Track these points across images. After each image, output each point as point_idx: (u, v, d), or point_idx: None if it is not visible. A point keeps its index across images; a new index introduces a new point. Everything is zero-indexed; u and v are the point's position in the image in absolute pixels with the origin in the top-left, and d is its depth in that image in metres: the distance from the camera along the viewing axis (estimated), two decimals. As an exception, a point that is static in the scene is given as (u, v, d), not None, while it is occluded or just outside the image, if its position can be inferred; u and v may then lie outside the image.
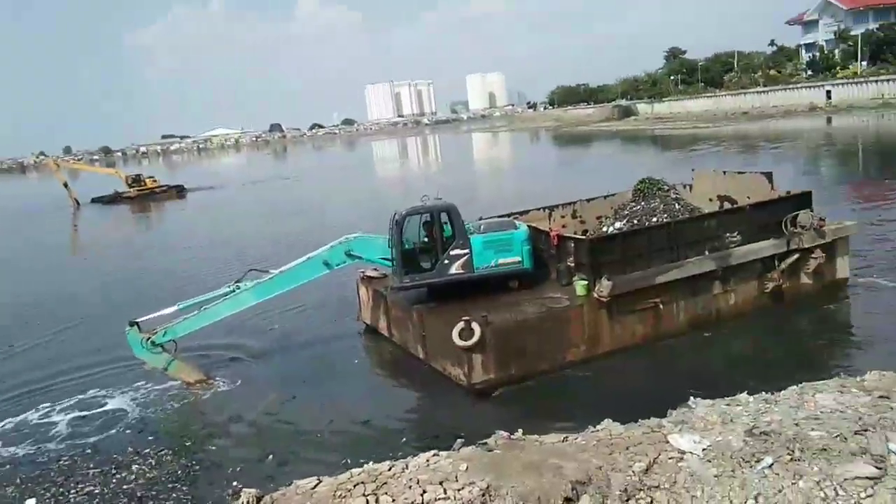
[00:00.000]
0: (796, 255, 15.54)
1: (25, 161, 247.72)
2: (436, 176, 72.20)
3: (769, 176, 17.33)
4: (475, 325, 12.84)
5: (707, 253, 15.11)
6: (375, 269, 16.97)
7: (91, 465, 11.77)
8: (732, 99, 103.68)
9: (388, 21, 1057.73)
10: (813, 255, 15.70)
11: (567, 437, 7.83)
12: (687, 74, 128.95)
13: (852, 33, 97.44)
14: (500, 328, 13.16)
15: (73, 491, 10.94)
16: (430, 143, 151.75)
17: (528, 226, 15.69)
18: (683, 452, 7.09)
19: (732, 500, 6.29)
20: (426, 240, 14.98)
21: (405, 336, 15.61)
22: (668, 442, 7.35)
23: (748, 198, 16.95)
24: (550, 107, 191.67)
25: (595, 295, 13.79)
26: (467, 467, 6.92)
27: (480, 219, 16.38)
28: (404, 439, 11.58)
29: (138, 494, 10.63)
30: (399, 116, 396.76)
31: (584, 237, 15.32)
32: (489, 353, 13.06)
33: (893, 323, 14.85)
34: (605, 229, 17.69)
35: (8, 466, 12.10)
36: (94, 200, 66.34)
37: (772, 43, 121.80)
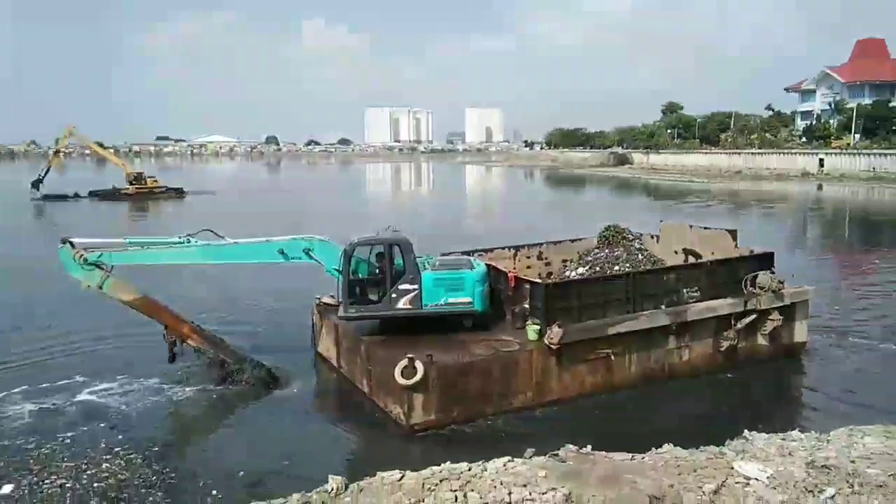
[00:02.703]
0: (753, 316, 15.33)
1: (15, 149, 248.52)
2: (423, 203, 72.40)
3: (734, 233, 17.19)
4: (418, 364, 12.43)
5: (664, 306, 14.86)
6: (332, 297, 16.56)
7: (66, 458, 11.79)
8: (727, 157, 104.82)
9: (392, 48, 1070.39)
10: (770, 317, 15.49)
11: (634, 455, 8.18)
12: (683, 129, 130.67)
13: (848, 105, 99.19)
14: (444, 368, 12.76)
15: (47, 482, 10.98)
16: (424, 171, 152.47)
17: (487, 265, 15.41)
18: (749, 478, 7.63)
19: None
20: (377, 272, 14.60)
21: (353, 369, 15.14)
22: (732, 468, 7.86)
23: (712, 253, 16.82)
24: (547, 147, 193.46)
25: (545, 341, 13.47)
26: (546, 474, 7.21)
27: (442, 254, 16.12)
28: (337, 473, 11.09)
29: (110, 495, 10.54)
30: (396, 141, 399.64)
31: (539, 281, 15.03)
32: (431, 394, 12.65)
33: (843, 388, 14.84)
34: (567, 273, 17.46)
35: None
36: (91, 193, 65.37)
37: (769, 107, 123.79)
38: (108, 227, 49.65)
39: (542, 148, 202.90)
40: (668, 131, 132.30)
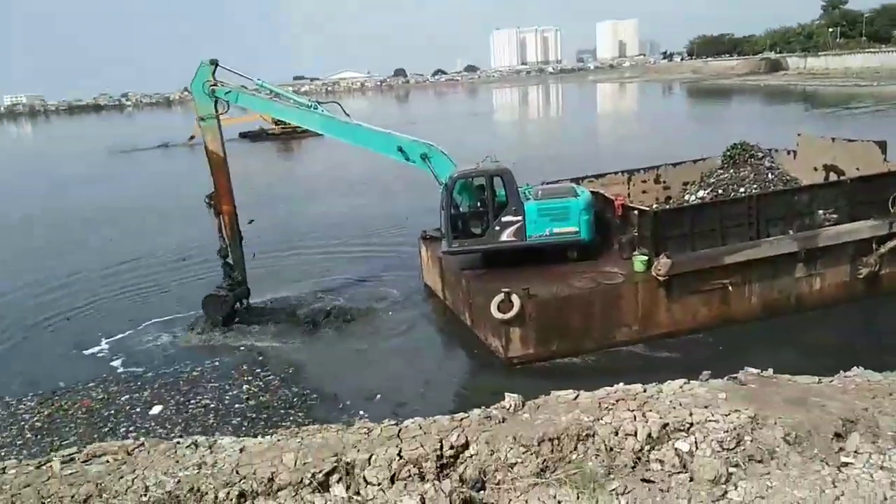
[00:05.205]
0: (899, 240, 13.48)
1: (171, 96, 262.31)
2: (550, 128, 70.27)
3: (883, 146, 14.95)
4: (515, 298, 12.17)
5: (794, 231, 13.38)
6: (437, 230, 16.51)
7: (211, 379, 12.97)
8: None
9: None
10: (921, 241, 13.52)
11: (820, 378, 7.74)
12: (848, 27, 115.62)
13: None
14: (542, 302, 12.39)
15: (192, 402, 12.09)
16: (553, 94, 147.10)
17: (593, 192, 14.57)
18: None
19: None
20: (479, 204, 14.21)
21: (456, 301, 15.18)
22: None
23: (857, 169, 14.80)
24: (689, 57, 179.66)
25: (653, 272, 12.63)
26: (727, 396, 6.98)
27: (544, 182, 15.44)
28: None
29: (250, 415, 11.42)
30: (523, 64, 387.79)
31: (647, 208, 13.95)
32: (528, 328, 12.39)
33: None
34: (687, 198, 16.18)
35: (150, 374, 13.51)
36: (241, 135, 68.67)
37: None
38: (257, 164, 52.33)
39: (682, 59, 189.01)
40: (830, 31, 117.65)
